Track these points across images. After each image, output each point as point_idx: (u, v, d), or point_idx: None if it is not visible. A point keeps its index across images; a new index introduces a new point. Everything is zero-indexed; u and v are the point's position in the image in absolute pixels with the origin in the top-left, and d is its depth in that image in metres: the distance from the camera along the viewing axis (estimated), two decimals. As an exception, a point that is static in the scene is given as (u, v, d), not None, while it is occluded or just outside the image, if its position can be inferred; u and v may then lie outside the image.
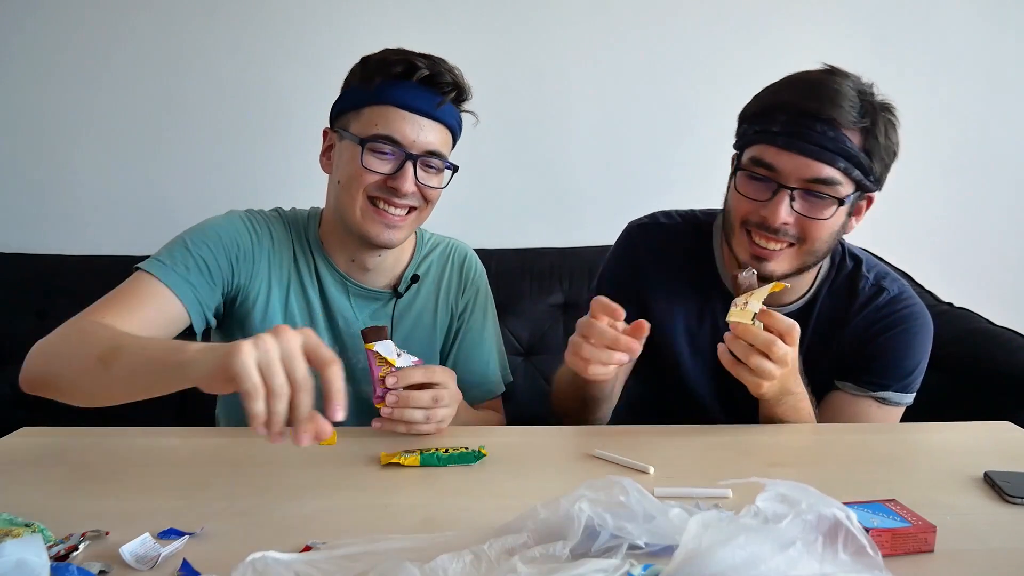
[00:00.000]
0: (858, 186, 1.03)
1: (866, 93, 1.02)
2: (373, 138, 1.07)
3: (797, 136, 0.99)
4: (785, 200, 1.01)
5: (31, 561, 0.56)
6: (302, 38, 1.98)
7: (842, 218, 1.06)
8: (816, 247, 1.05)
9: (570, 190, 2.02)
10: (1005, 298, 1.94)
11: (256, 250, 1.15)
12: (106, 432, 1.06)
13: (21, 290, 1.90)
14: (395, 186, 1.08)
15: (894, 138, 1.03)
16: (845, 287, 1.16)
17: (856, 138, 1.00)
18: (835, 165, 0.99)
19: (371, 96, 1.08)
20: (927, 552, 0.68)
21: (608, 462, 0.91)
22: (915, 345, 1.13)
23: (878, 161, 1.02)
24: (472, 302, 1.28)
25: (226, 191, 2.03)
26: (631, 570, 0.57)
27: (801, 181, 1.01)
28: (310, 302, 1.18)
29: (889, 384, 1.12)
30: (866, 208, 1.10)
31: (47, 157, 2.03)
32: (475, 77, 2.01)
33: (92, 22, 1.98)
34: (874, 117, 1.01)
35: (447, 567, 0.59)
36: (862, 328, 1.13)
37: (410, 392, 0.94)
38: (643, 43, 1.97)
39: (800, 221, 1.02)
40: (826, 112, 0.99)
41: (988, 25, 1.97)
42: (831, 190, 1.00)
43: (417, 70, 1.07)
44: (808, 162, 0.99)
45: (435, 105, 1.08)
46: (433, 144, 1.10)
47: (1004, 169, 2.02)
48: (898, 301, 1.14)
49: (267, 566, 0.60)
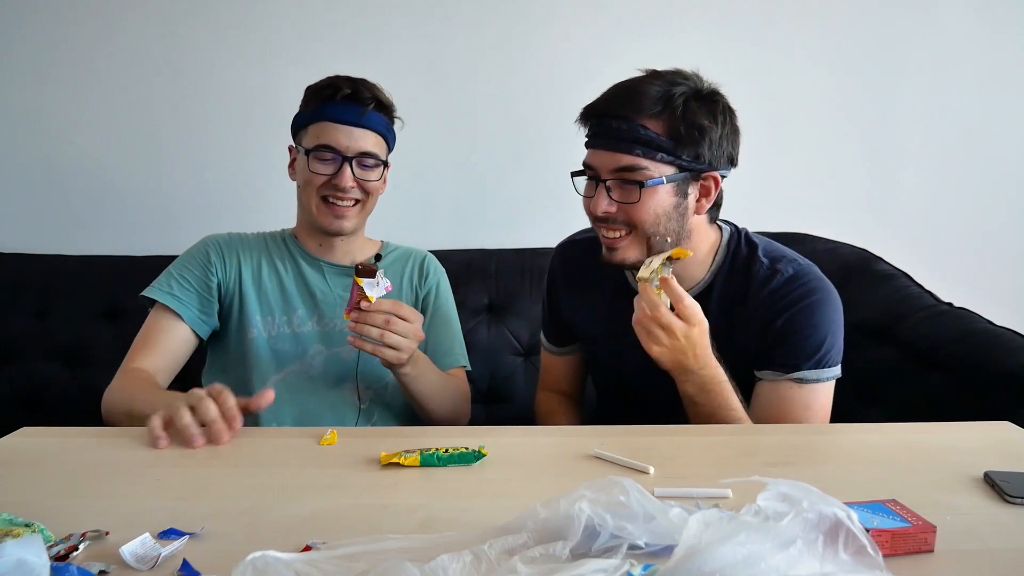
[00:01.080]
0: (679, 168, 1.11)
1: (672, 87, 1.10)
2: (316, 148, 1.33)
3: (599, 135, 1.13)
4: (602, 192, 1.13)
5: (31, 561, 0.56)
6: (302, 38, 1.98)
7: (666, 198, 1.12)
8: (648, 229, 1.13)
9: (570, 190, 2.01)
10: (1005, 298, 1.94)
11: (226, 251, 1.41)
12: (106, 432, 1.06)
13: (21, 290, 1.90)
14: (337, 183, 1.33)
15: (705, 120, 1.09)
16: (742, 272, 1.20)
17: (656, 126, 1.09)
18: (632, 152, 1.10)
19: (311, 116, 1.34)
20: (927, 552, 0.68)
21: (608, 462, 0.91)
22: (816, 321, 1.14)
23: (689, 143, 1.09)
24: (435, 289, 1.49)
25: (226, 191, 2.04)
26: (631, 570, 0.57)
27: (609, 172, 1.12)
28: (282, 279, 1.41)
29: (800, 364, 1.14)
30: (715, 188, 1.15)
31: (47, 157, 2.03)
32: (475, 77, 2.03)
33: (92, 22, 1.98)
34: (674, 106, 1.09)
35: (447, 567, 0.59)
36: (762, 313, 1.16)
37: (368, 312, 1.15)
38: (643, 44, 1.97)
39: (621, 208, 1.12)
40: (620, 110, 1.11)
41: (988, 25, 1.97)
42: (636, 175, 1.10)
43: (340, 90, 1.32)
44: (610, 155, 1.12)
45: (359, 115, 1.32)
46: (364, 146, 1.33)
47: (1004, 169, 2.02)
48: (793, 281, 1.16)
49: (267, 566, 0.60)
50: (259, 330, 1.37)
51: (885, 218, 2.03)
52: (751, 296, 1.17)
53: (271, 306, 1.39)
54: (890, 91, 2.00)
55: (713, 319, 1.13)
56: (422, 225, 2.01)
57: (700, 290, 1.22)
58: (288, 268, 1.42)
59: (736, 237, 1.24)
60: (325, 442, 0.99)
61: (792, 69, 1.99)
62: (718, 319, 1.16)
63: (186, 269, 1.38)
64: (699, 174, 1.13)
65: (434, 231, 1.98)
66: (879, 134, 2.01)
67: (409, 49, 1.99)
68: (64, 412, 1.84)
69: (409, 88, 1.94)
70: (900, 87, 2.00)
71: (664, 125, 1.09)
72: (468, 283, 1.86)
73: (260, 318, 1.38)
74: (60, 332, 1.88)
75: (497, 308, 1.90)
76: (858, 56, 1.99)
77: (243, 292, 1.38)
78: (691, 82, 1.12)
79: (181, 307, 1.33)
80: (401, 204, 2.01)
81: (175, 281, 1.36)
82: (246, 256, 1.41)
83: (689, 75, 1.14)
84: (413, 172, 2.00)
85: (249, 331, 1.36)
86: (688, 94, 1.10)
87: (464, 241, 1.96)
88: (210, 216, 1.95)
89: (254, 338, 1.36)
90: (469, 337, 1.74)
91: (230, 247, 1.42)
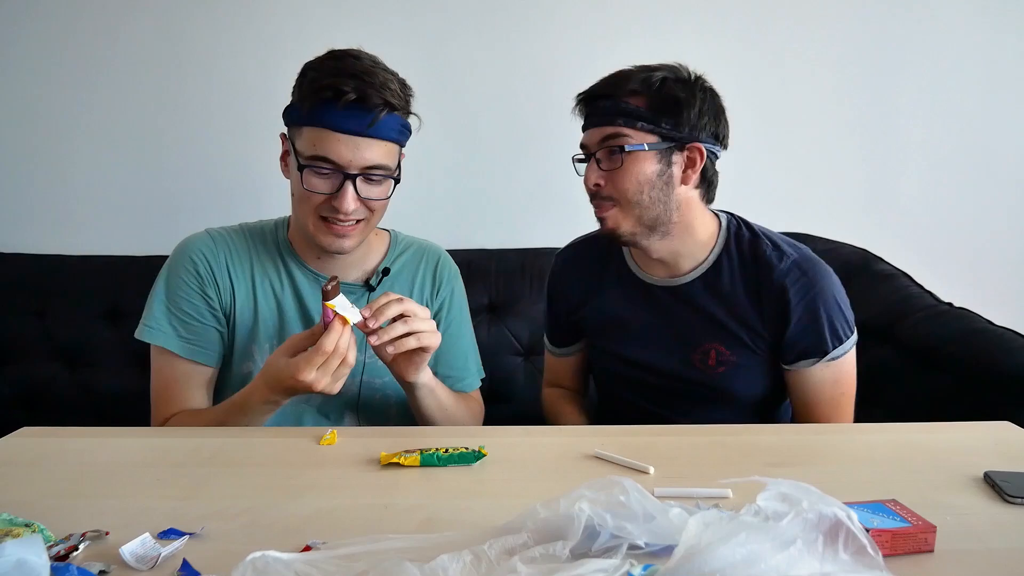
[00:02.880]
0: (661, 137, 1.16)
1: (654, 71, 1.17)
2: (311, 159, 1.10)
3: (588, 116, 1.22)
4: (593, 165, 1.20)
5: (31, 561, 0.56)
6: (301, 37, 1.98)
7: (649, 165, 1.17)
8: (632, 196, 1.18)
9: (570, 190, 2.01)
10: (1005, 298, 1.94)
11: (215, 268, 1.22)
12: (106, 432, 1.06)
13: (21, 290, 1.90)
14: (336, 205, 1.11)
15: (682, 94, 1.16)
16: (750, 252, 1.24)
17: (637, 100, 1.17)
18: (614, 124, 1.17)
19: (307, 117, 1.10)
20: (927, 552, 0.68)
21: (608, 462, 0.92)
22: (830, 303, 1.19)
23: (668, 112, 1.16)
24: (449, 300, 1.34)
25: (226, 191, 2.03)
26: (631, 570, 0.57)
27: (596, 145, 1.19)
28: (280, 302, 1.24)
29: (826, 347, 1.19)
30: (700, 160, 1.18)
31: (47, 157, 2.03)
32: (476, 78, 2.03)
33: (92, 22, 1.98)
34: (652, 82, 1.16)
35: (447, 567, 0.59)
36: (776, 298, 1.20)
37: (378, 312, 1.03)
38: (644, 44, 1.96)
39: (607, 179, 1.19)
40: (605, 90, 1.19)
41: (988, 25, 1.97)
42: (619, 141, 1.17)
43: (344, 95, 1.06)
44: (597, 130, 1.19)
45: (366, 125, 1.09)
46: (371, 160, 1.11)
47: (1004, 169, 2.02)
48: (800, 266, 1.20)
49: (267, 566, 0.60)
50: (257, 366, 1.21)
51: (885, 218, 2.03)
52: (762, 276, 1.21)
53: (270, 335, 1.23)
54: (890, 91, 2.00)
55: (727, 295, 1.23)
56: (422, 225, 2.00)
57: (705, 270, 1.25)
58: (284, 285, 1.24)
59: (735, 223, 1.29)
60: (325, 442, 0.99)
61: (792, 69, 1.99)
62: (732, 295, 1.23)
63: (182, 299, 1.19)
64: (682, 144, 1.17)
65: (434, 231, 1.97)
66: (879, 134, 2.01)
67: (410, 48, 1.98)
68: (64, 412, 1.84)
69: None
70: (900, 87, 2.00)
71: (644, 100, 1.16)
72: (468, 283, 1.84)
73: (257, 347, 1.23)
74: (60, 332, 1.88)
75: (497, 308, 1.90)
76: (858, 56, 1.99)
77: (237, 319, 1.22)
78: (674, 69, 1.19)
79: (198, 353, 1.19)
80: (401, 204, 2.01)
81: (178, 320, 1.19)
82: (238, 279, 1.23)
83: (675, 66, 1.20)
84: (413, 172, 1.99)
85: (245, 364, 1.23)
86: (668, 76, 1.17)
87: (464, 241, 1.96)
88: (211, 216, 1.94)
89: (252, 372, 1.21)
90: (469, 337, 1.75)
91: (218, 265, 1.22)
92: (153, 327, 1.19)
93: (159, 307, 1.20)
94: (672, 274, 1.27)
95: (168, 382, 1.19)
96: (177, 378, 1.19)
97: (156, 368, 1.21)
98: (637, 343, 1.30)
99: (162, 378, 1.20)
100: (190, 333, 1.19)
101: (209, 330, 1.21)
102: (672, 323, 1.27)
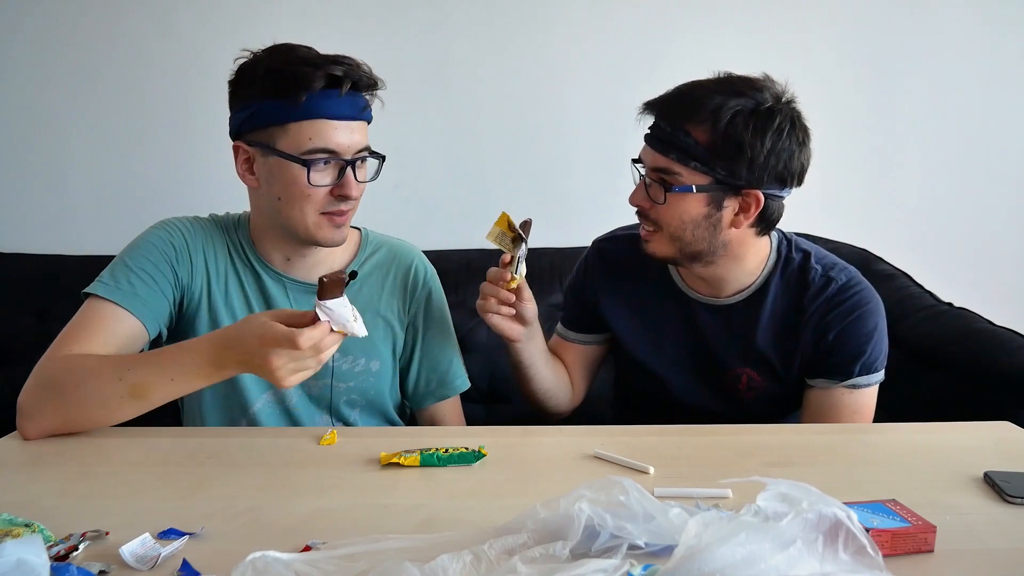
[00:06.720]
0: (714, 180, 1.09)
1: (730, 98, 1.07)
2: (311, 153, 1.06)
3: (650, 132, 1.15)
4: (641, 186, 1.17)
5: (31, 561, 0.56)
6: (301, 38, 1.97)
7: (695, 207, 1.12)
8: (674, 232, 1.14)
9: (570, 190, 2.02)
10: (1005, 298, 1.94)
11: (191, 246, 1.17)
12: (106, 432, 1.06)
13: (21, 290, 1.90)
14: (344, 194, 1.09)
15: (749, 137, 1.06)
16: (797, 278, 1.21)
17: (699, 134, 1.08)
18: (668, 156, 1.11)
19: (299, 112, 1.04)
20: (927, 552, 0.68)
21: (608, 462, 0.91)
22: (868, 330, 1.17)
23: (726, 157, 1.08)
24: (425, 304, 1.26)
25: (226, 191, 2.02)
26: (631, 570, 0.57)
27: (649, 170, 1.15)
28: (249, 299, 1.19)
29: (852, 371, 1.17)
30: (755, 207, 1.11)
31: (47, 157, 2.03)
32: (476, 78, 2.03)
33: (92, 22, 1.98)
34: (719, 117, 1.06)
35: (447, 567, 0.59)
36: (817, 319, 1.18)
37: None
38: (643, 43, 1.97)
39: (652, 207, 1.15)
40: (669, 112, 1.12)
41: (988, 24, 1.97)
42: (668, 178, 1.12)
43: (341, 81, 1.04)
44: (652, 153, 1.14)
45: (360, 109, 1.09)
46: (362, 142, 1.11)
47: (1004, 169, 2.02)
48: (846, 289, 1.19)
49: (267, 566, 0.60)
50: None
51: (885, 218, 2.03)
52: (807, 302, 1.19)
53: None
54: (890, 91, 2.00)
55: (766, 323, 1.20)
56: (422, 225, 2.01)
57: (749, 295, 1.22)
58: (252, 287, 1.19)
59: (786, 244, 1.25)
60: (325, 442, 0.99)
61: (792, 69, 1.98)
62: (772, 323, 1.20)
63: (145, 260, 1.12)
64: (738, 189, 1.11)
65: (434, 231, 1.98)
66: (879, 134, 2.01)
67: (410, 48, 1.99)
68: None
69: (410, 88, 1.95)
70: (900, 87, 2.00)
71: (706, 135, 1.08)
72: (468, 283, 1.85)
73: None
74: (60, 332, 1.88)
75: (497, 308, 1.90)
76: (858, 56, 1.99)
77: (194, 308, 1.16)
78: (756, 95, 1.09)
79: (139, 306, 1.08)
80: (401, 204, 2.01)
81: (135, 276, 1.10)
82: (212, 264, 1.18)
83: (761, 86, 1.10)
84: (413, 172, 2.00)
85: None
86: (740, 109, 1.07)
87: (464, 241, 1.96)
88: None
89: None
90: (469, 337, 1.74)
91: (195, 243, 1.17)
92: (104, 281, 1.09)
93: (118, 266, 1.12)
94: (715, 294, 1.23)
95: (86, 323, 1.06)
96: (99, 320, 1.06)
97: (78, 313, 1.08)
98: (667, 357, 1.27)
99: (80, 319, 1.07)
100: (137, 288, 1.09)
101: (159, 296, 1.11)
102: (707, 342, 1.24)
